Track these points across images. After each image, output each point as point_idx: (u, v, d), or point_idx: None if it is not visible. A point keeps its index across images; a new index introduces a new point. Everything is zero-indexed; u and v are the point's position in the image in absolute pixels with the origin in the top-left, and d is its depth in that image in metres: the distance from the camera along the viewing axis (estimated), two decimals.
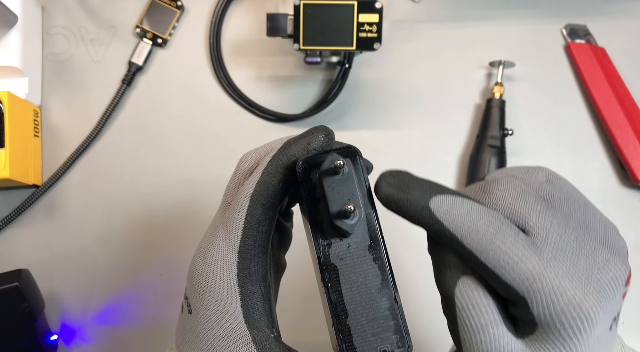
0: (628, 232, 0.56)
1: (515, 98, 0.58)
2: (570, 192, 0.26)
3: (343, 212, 0.25)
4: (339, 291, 0.26)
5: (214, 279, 0.27)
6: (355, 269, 0.26)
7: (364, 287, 0.26)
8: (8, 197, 0.55)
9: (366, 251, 0.26)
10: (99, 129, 0.56)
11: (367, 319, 0.26)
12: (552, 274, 0.23)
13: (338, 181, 0.26)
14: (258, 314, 0.27)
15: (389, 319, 0.26)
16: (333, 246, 0.26)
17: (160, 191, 0.56)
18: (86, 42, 0.59)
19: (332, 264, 0.26)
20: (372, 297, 0.26)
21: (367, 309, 0.26)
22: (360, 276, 0.26)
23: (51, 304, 0.53)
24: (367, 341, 0.25)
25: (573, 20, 0.59)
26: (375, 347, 0.25)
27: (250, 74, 0.58)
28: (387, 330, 0.25)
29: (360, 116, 0.58)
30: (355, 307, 0.26)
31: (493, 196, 0.25)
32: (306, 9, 0.49)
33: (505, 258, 0.23)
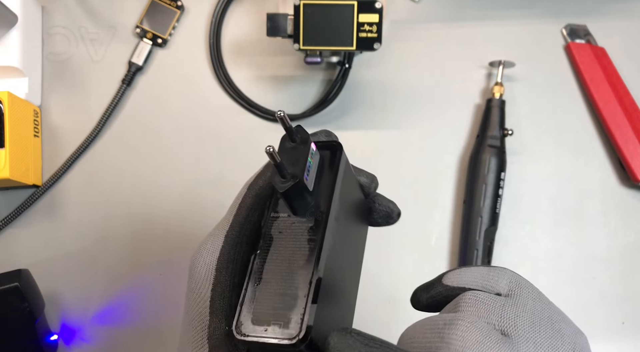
0: (628, 232, 0.56)
1: (515, 98, 0.58)
2: (533, 312, 0.25)
3: (277, 167, 0.25)
4: (263, 260, 0.26)
5: (198, 261, 0.27)
6: (287, 244, 0.26)
7: (287, 262, 0.25)
8: (8, 197, 0.55)
9: (306, 231, 0.26)
10: (99, 129, 0.56)
11: (276, 292, 0.25)
12: None
13: (293, 147, 0.26)
14: (221, 303, 0.26)
15: (295, 298, 0.24)
16: (279, 219, 0.26)
17: (160, 191, 0.56)
18: (86, 42, 0.59)
19: (269, 235, 0.26)
20: (290, 273, 0.25)
21: (280, 283, 0.25)
22: (289, 252, 0.26)
23: (51, 304, 0.53)
24: (265, 312, 0.25)
25: (573, 20, 0.59)
26: (268, 320, 0.24)
27: (250, 74, 0.58)
28: (289, 308, 0.24)
29: (360, 116, 0.58)
30: (269, 278, 0.25)
31: (453, 348, 0.24)
32: (306, 9, 0.49)
33: None
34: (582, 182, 0.56)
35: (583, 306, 0.54)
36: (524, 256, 0.55)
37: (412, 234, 0.56)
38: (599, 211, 0.56)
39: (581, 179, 0.57)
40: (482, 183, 0.54)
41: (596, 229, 0.56)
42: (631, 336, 0.54)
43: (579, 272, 0.55)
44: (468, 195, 0.55)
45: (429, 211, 0.56)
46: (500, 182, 0.54)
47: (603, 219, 0.56)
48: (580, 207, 0.56)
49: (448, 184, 0.57)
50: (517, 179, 0.56)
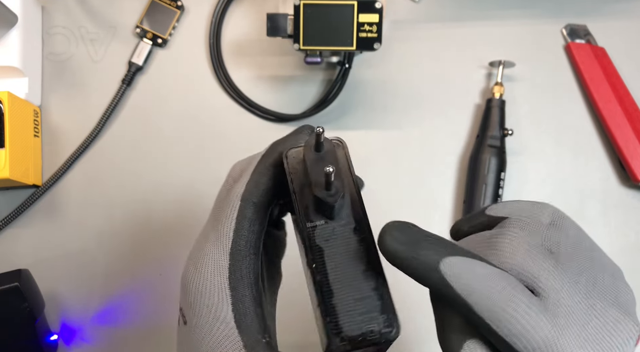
0: (628, 232, 0.56)
1: (515, 98, 0.58)
2: (576, 239, 0.26)
3: (323, 181, 0.25)
4: (324, 272, 0.26)
5: (204, 285, 0.26)
6: (340, 250, 0.26)
7: (349, 268, 0.26)
8: (8, 197, 0.55)
9: (351, 233, 0.26)
10: (99, 129, 0.56)
11: (353, 299, 0.25)
12: (565, 342, 0.22)
13: (320, 156, 0.26)
14: (250, 319, 0.26)
15: (375, 299, 0.25)
16: (318, 228, 0.26)
17: (160, 191, 0.56)
18: (86, 42, 0.59)
19: (317, 246, 0.26)
20: (357, 277, 0.25)
21: (353, 290, 0.25)
22: (345, 257, 0.26)
23: (51, 304, 0.53)
24: (353, 320, 0.25)
25: (573, 20, 0.59)
26: (361, 327, 0.25)
27: (250, 74, 0.58)
28: (374, 310, 0.25)
29: (360, 116, 0.58)
30: (340, 287, 0.25)
31: (501, 254, 0.24)
32: (306, 9, 0.49)
33: (518, 327, 0.22)
34: (582, 182, 0.56)
35: None
36: None
37: None
38: (599, 211, 0.56)
39: (581, 179, 0.57)
40: (482, 183, 0.54)
41: (596, 229, 0.56)
42: None
43: None
44: (468, 195, 0.55)
45: (429, 211, 0.56)
46: (500, 182, 0.54)
47: (603, 219, 0.56)
48: (580, 207, 0.56)
49: (448, 184, 0.57)
50: (517, 179, 0.56)
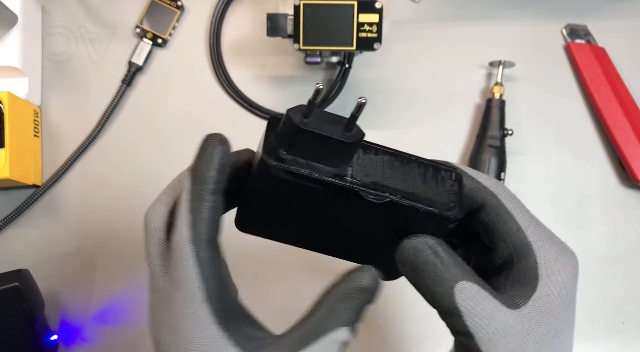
0: (628, 232, 0.56)
1: (515, 98, 0.58)
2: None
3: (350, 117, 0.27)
4: (394, 189, 0.26)
5: (194, 345, 0.25)
6: (380, 168, 0.27)
7: (396, 171, 0.27)
8: (8, 197, 0.55)
9: (366, 155, 0.27)
10: (99, 129, 0.56)
11: (422, 184, 0.27)
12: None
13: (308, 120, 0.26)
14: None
15: (428, 171, 0.27)
16: (353, 174, 0.26)
17: (160, 191, 0.56)
18: (86, 42, 0.59)
19: (366, 183, 0.26)
20: (406, 171, 0.27)
21: (415, 181, 0.27)
22: (388, 169, 0.27)
23: (51, 304, 0.53)
24: (439, 194, 0.26)
25: (573, 20, 0.59)
26: (446, 190, 0.27)
27: (250, 74, 0.58)
28: (436, 177, 0.27)
29: (360, 116, 0.57)
30: (411, 186, 0.26)
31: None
32: (306, 9, 0.49)
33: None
34: (582, 182, 0.56)
35: (583, 306, 0.54)
36: None
37: None
38: (599, 211, 0.56)
39: (581, 179, 0.57)
40: None
41: (596, 229, 0.56)
42: (631, 336, 0.54)
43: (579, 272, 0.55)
44: None
45: None
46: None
47: (603, 219, 0.56)
48: (580, 207, 0.56)
49: None
50: (517, 179, 0.56)
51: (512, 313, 0.25)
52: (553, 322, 0.26)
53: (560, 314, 0.26)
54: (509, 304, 0.26)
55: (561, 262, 0.27)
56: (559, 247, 0.27)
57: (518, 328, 0.25)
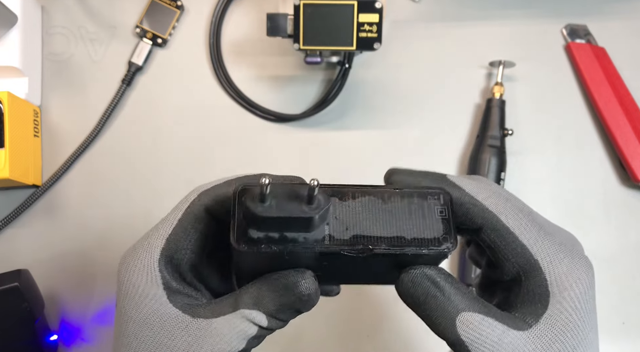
0: (628, 232, 0.56)
1: (515, 98, 0.58)
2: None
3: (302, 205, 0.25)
4: (373, 239, 0.25)
5: (134, 261, 0.27)
6: (358, 219, 0.26)
7: (380, 214, 0.26)
8: (8, 197, 0.55)
9: (350, 199, 0.26)
10: (98, 129, 0.56)
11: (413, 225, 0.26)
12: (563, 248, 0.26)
13: (270, 203, 0.25)
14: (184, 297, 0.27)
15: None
16: (327, 231, 0.25)
17: (160, 191, 0.56)
18: (86, 42, 0.59)
19: (348, 238, 0.25)
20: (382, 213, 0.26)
21: (402, 219, 0.26)
22: (369, 215, 0.26)
23: (51, 304, 0.53)
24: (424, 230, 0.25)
25: (573, 20, 0.59)
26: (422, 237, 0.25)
27: (250, 74, 0.58)
28: (429, 210, 0.26)
29: (360, 116, 0.58)
30: (397, 235, 0.25)
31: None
32: (306, 9, 0.49)
33: (535, 238, 0.26)
34: (582, 182, 0.56)
35: None
36: None
37: None
38: (599, 210, 0.56)
39: (581, 179, 0.56)
40: None
41: (596, 229, 0.56)
42: (631, 336, 0.54)
43: None
44: None
45: None
46: (500, 182, 0.54)
47: (603, 219, 0.56)
48: (580, 207, 0.56)
49: None
50: (517, 179, 0.56)
51: (522, 335, 0.25)
52: (569, 339, 0.25)
53: (577, 329, 0.25)
54: (519, 325, 0.25)
55: (574, 275, 0.26)
56: (571, 259, 0.26)
57: (530, 349, 0.25)
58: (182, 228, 0.27)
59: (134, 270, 0.27)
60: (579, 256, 0.27)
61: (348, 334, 0.54)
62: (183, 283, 0.28)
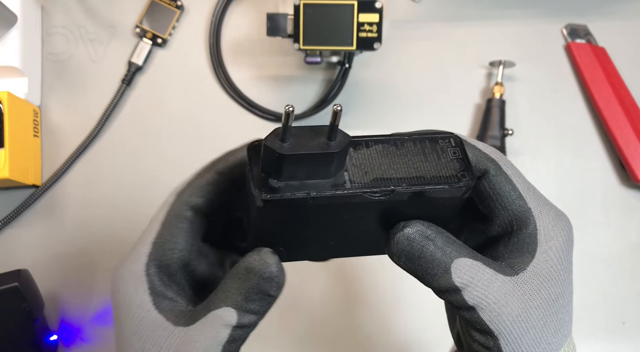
0: (628, 232, 0.56)
1: (515, 98, 0.58)
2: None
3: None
4: (394, 180, 0.26)
5: (125, 269, 0.28)
6: (376, 164, 0.27)
7: (396, 158, 0.27)
8: (8, 197, 0.55)
9: (364, 148, 0.28)
10: (98, 129, 0.56)
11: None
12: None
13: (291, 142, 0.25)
14: (170, 302, 0.27)
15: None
16: (347, 177, 0.26)
17: (160, 191, 0.56)
18: (86, 42, 0.59)
19: (369, 181, 0.26)
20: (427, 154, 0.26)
21: (418, 162, 0.26)
22: (385, 159, 0.27)
23: (51, 304, 0.53)
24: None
25: (573, 20, 0.59)
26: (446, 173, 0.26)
27: (250, 74, 0.58)
28: (443, 152, 0.26)
29: (360, 116, 0.58)
30: (416, 175, 0.26)
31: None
32: (306, 9, 0.49)
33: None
34: (582, 182, 0.56)
35: (583, 306, 0.54)
36: None
37: None
38: (599, 210, 0.56)
39: (581, 179, 0.57)
40: None
41: (596, 229, 0.56)
42: (632, 336, 0.54)
43: (579, 272, 0.55)
44: None
45: None
46: None
47: (603, 219, 0.56)
48: (580, 207, 0.56)
49: None
50: None
51: (510, 280, 0.25)
52: (553, 287, 0.26)
53: (560, 278, 0.26)
54: (507, 271, 0.26)
55: (558, 227, 0.27)
56: (555, 213, 0.27)
57: (519, 294, 0.25)
58: (166, 230, 0.28)
59: (122, 279, 0.27)
60: (560, 212, 0.28)
61: (348, 334, 0.54)
62: (171, 286, 0.27)
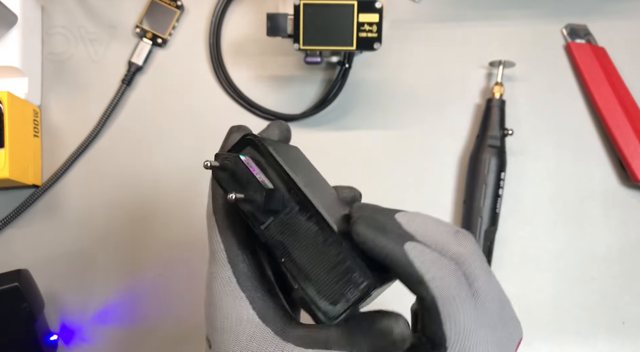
0: (628, 232, 0.56)
1: (515, 98, 0.58)
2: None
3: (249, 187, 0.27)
4: (292, 260, 0.27)
5: (218, 297, 0.28)
6: (296, 235, 0.27)
7: (310, 246, 0.27)
8: (8, 197, 0.55)
9: (298, 215, 0.27)
10: (98, 129, 0.56)
11: (325, 271, 0.26)
12: (479, 338, 0.26)
13: (231, 172, 0.27)
14: (272, 311, 0.28)
15: (343, 262, 0.26)
16: (271, 226, 0.27)
17: (160, 191, 0.56)
18: (86, 42, 0.59)
19: (277, 241, 0.27)
20: (320, 251, 0.27)
21: (322, 263, 0.27)
22: (303, 239, 0.27)
23: (51, 304, 0.53)
24: (332, 290, 0.26)
25: (573, 20, 0.59)
26: (342, 292, 0.26)
27: (250, 74, 0.58)
28: (346, 272, 0.26)
29: (360, 116, 0.58)
30: (311, 267, 0.27)
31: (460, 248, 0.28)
32: (306, 9, 0.49)
33: (455, 312, 0.26)
34: (582, 182, 0.56)
35: (583, 306, 0.54)
36: (524, 256, 0.55)
37: None
38: (599, 210, 0.56)
39: (581, 179, 0.56)
40: (482, 183, 0.54)
41: (596, 229, 0.56)
42: (631, 336, 0.54)
43: (579, 272, 0.55)
44: (468, 195, 0.55)
45: (429, 211, 0.56)
46: (500, 182, 0.54)
47: (603, 219, 0.56)
48: (580, 207, 0.56)
49: (448, 184, 0.57)
50: (517, 179, 0.56)
51: None
52: None
53: None
54: None
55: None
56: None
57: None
58: (230, 248, 0.29)
59: (220, 305, 0.28)
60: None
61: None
62: (265, 295, 0.29)
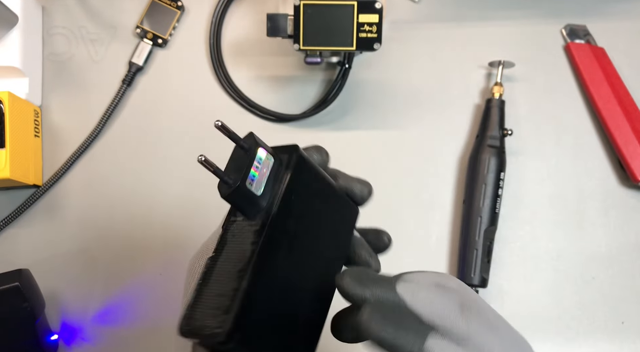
0: (628, 232, 0.56)
1: (515, 98, 0.58)
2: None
3: (215, 174, 0.26)
4: (214, 262, 0.26)
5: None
6: (236, 247, 0.26)
7: (231, 265, 0.26)
8: (8, 197, 0.55)
9: (251, 233, 0.26)
10: (99, 129, 0.56)
11: (215, 293, 0.25)
12: None
13: (242, 154, 0.27)
14: None
15: (228, 299, 0.25)
16: (236, 223, 0.27)
17: (160, 191, 0.56)
18: (86, 42, 0.59)
19: (225, 238, 0.27)
20: (230, 275, 0.26)
21: (221, 284, 0.26)
22: (235, 255, 0.26)
23: (51, 304, 0.53)
24: (205, 312, 0.25)
25: (573, 20, 0.59)
26: (204, 320, 0.25)
27: (250, 74, 0.59)
28: (222, 308, 0.25)
29: (360, 116, 0.58)
30: (215, 279, 0.26)
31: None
32: (306, 9, 0.49)
33: None
34: (582, 182, 0.56)
35: (583, 306, 0.54)
36: (524, 256, 0.55)
37: (411, 234, 0.56)
38: (598, 211, 0.56)
39: (581, 179, 0.57)
40: (482, 183, 0.54)
41: (596, 229, 0.56)
42: (631, 336, 0.54)
43: (579, 272, 0.55)
44: (468, 195, 0.55)
45: (429, 211, 0.56)
46: (499, 182, 0.54)
47: (603, 219, 0.56)
48: (580, 207, 0.56)
49: (448, 184, 0.57)
50: (516, 179, 0.56)
51: None
52: None
53: None
54: None
55: None
56: None
57: None
58: None
59: None
60: None
61: None
62: None
